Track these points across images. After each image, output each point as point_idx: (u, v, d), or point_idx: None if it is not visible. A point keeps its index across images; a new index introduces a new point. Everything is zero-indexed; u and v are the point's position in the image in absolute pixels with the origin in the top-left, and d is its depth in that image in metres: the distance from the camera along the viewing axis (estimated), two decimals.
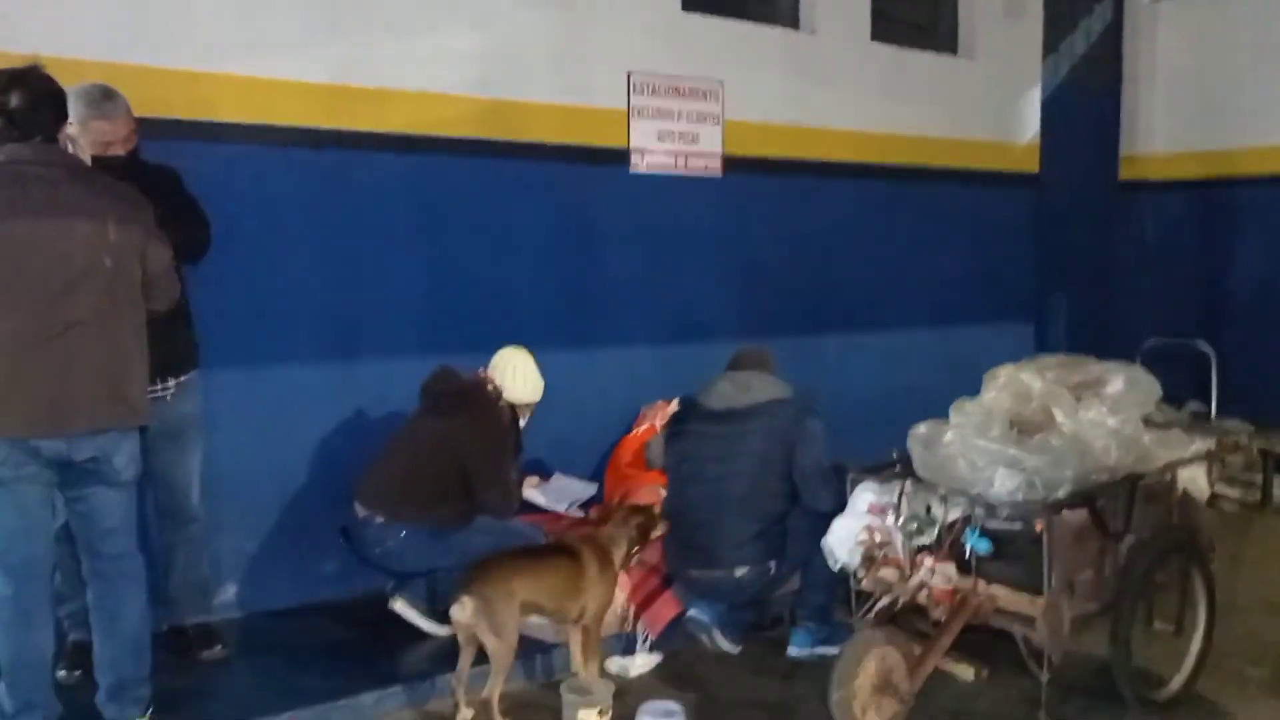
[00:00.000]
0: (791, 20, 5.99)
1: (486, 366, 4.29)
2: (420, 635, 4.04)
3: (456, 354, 4.35)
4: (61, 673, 3.29)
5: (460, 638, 3.53)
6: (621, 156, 5.29)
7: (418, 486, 4.00)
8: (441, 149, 4.71)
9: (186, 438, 3.77)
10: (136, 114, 3.59)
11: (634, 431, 5.10)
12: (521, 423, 4.37)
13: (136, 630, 3.22)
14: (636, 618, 4.12)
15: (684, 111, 5.48)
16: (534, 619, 3.71)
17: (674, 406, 5.08)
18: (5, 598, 3.02)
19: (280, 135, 4.30)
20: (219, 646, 3.88)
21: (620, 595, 4.11)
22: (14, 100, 2.97)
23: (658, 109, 5.38)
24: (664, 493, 4.66)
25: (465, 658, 3.54)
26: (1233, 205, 7.28)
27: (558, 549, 3.77)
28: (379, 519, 3.98)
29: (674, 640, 4.17)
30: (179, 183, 3.69)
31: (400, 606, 4.05)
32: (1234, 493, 5.76)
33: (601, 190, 5.25)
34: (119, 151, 3.50)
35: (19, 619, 3.04)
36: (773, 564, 4.05)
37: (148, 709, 3.25)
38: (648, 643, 4.08)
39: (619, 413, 5.24)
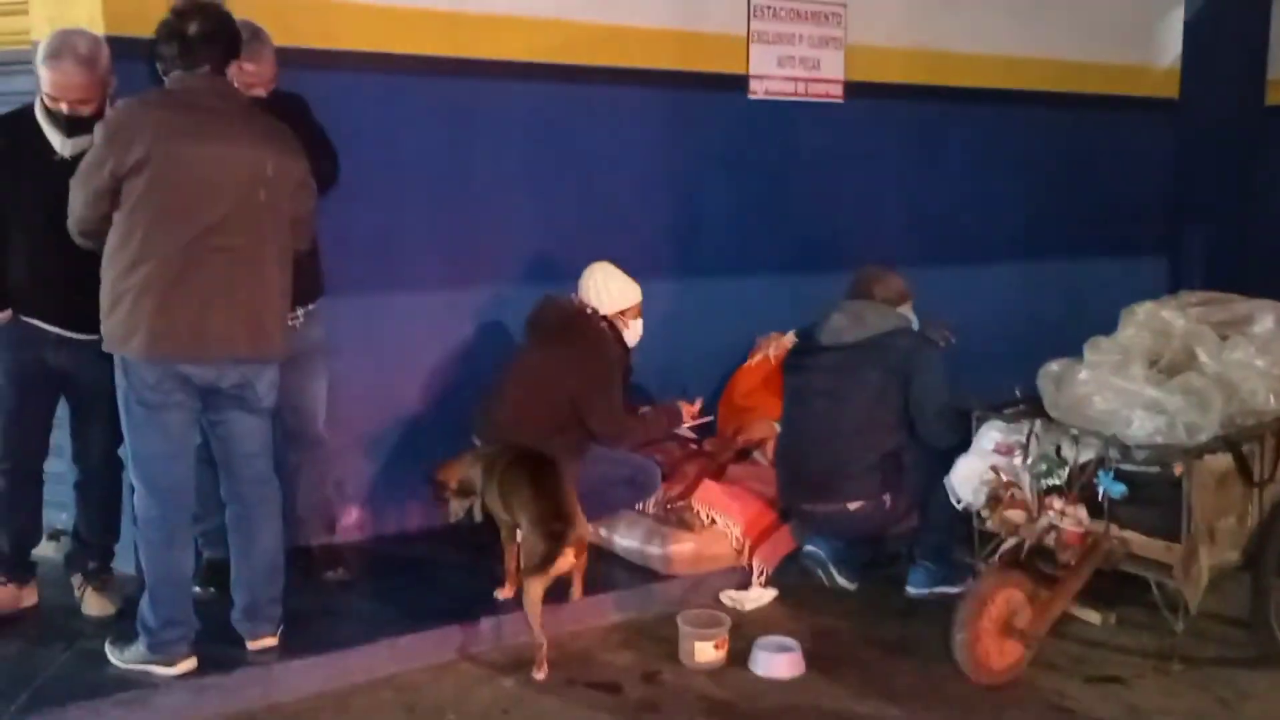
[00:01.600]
0: None
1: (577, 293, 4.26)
2: None
3: (571, 283, 4.33)
4: (196, 589, 3.42)
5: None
6: (740, 83, 5.16)
7: (530, 420, 4.01)
8: (557, 76, 4.65)
9: (313, 364, 3.83)
10: None
11: (749, 363, 5.04)
12: (629, 336, 4.28)
13: (272, 553, 3.32)
14: (752, 552, 4.10)
15: (805, 36, 5.30)
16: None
17: (790, 338, 5.01)
18: (153, 518, 3.14)
19: (399, 63, 4.29)
20: (341, 568, 3.98)
21: (736, 529, 4.09)
22: (192, 28, 3.02)
23: (778, 34, 5.22)
24: (778, 426, 4.62)
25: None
26: None
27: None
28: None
29: (789, 575, 4.14)
30: (307, 112, 3.71)
31: None
32: None
33: (719, 118, 5.14)
34: (261, 93, 3.54)
35: (164, 539, 3.15)
36: (888, 498, 3.98)
37: (279, 627, 3.37)
38: (763, 577, 4.06)
39: (734, 344, 5.17)
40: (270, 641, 3.34)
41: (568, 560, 3.47)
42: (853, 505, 3.98)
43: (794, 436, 4.17)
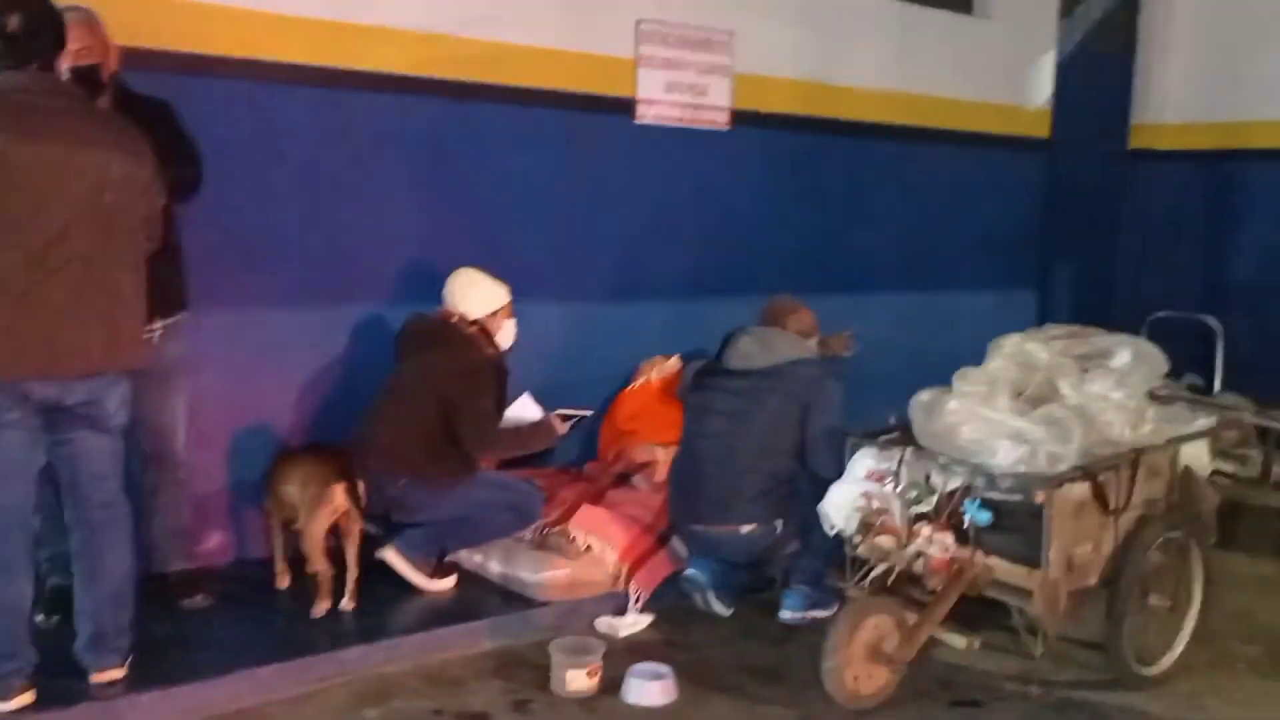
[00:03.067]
0: None
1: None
2: (411, 588, 4.00)
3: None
4: (39, 617, 3.23)
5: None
6: (627, 106, 5.17)
7: (410, 440, 3.94)
8: (442, 92, 4.59)
9: (172, 381, 3.68)
10: (126, 43, 3.46)
11: (631, 386, 5.04)
12: (502, 338, 4.20)
13: (120, 580, 3.15)
14: (629, 577, 4.07)
15: (693, 62, 5.35)
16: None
17: (673, 362, 5.04)
18: None
19: (276, 71, 4.17)
20: (201, 595, 3.82)
21: (613, 554, 4.06)
22: (13, 23, 2.84)
23: (666, 59, 5.25)
24: (659, 452, 4.62)
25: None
26: (1243, 179, 7.16)
27: None
28: (376, 469, 3.92)
29: (666, 600, 4.12)
30: (171, 116, 3.57)
31: (391, 556, 4.01)
32: (1230, 468, 5.71)
33: (605, 140, 5.14)
34: (91, 62, 3.31)
35: None
36: (779, 523, 4.01)
37: (126, 659, 3.20)
38: (640, 603, 4.04)
39: (617, 367, 5.16)
40: (117, 674, 3.16)
41: (339, 497, 3.67)
42: (745, 528, 4.00)
43: (691, 456, 4.18)
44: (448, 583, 4.06)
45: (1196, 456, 3.96)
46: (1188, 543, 3.78)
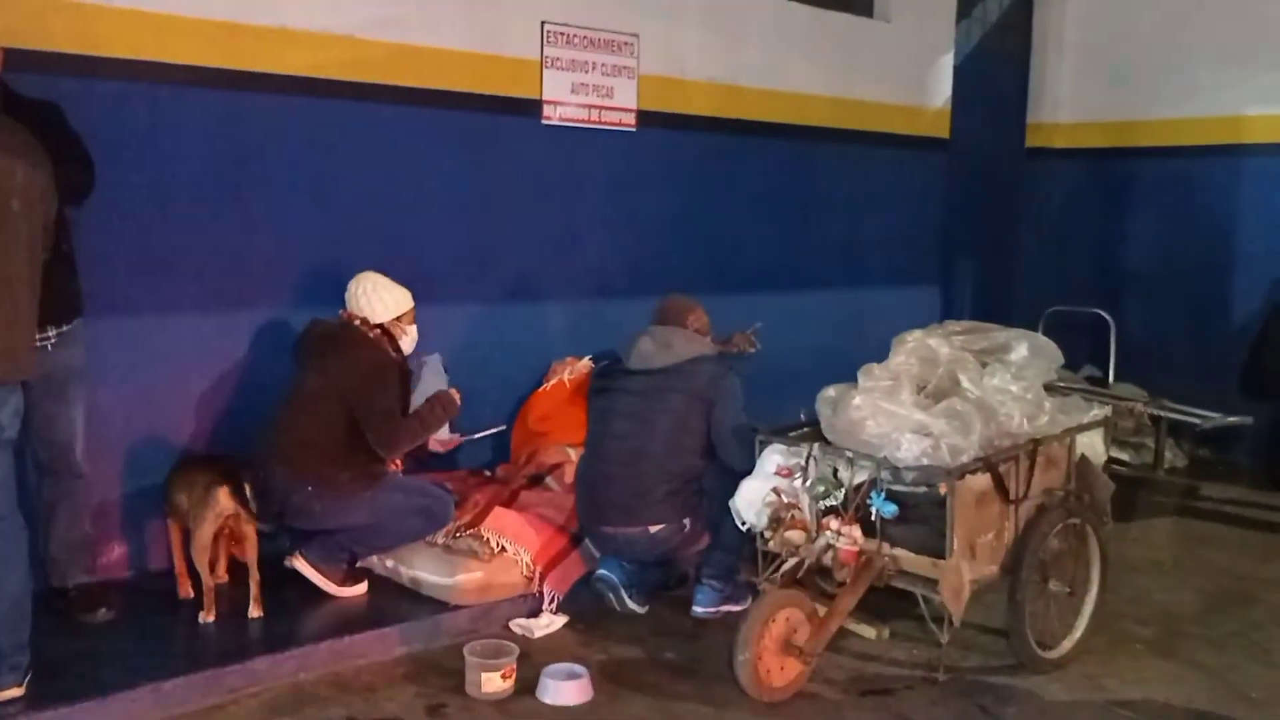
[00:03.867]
0: None
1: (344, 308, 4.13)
2: (322, 595, 3.95)
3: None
4: None
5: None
6: (533, 107, 5.16)
7: (315, 446, 3.88)
8: (345, 94, 4.53)
9: (68, 390, 3.58)
10: (10, 43, 3.35)
11: (543, 388, 5.03)
12: (405, 343, 4.14)
13: (16, 597, 3.05)
14: (543, 579, 4.07)
15: (598, 64, 5.36)
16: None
17: (585, 363, 5.05)
18: None
19: (171, 73, 4.07)
20: (103, 609, 3.72)
21: (526, 556, 4.06)
22: None
23: (571, 60, 5.26)
24: (571, 453, 4.63)
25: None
26: (1132, 176, 7.44)
27: None
28: (281, 476, 3.85)
29: (580, 601, 4.13)
30: (61, 120, 3.47)
31: (300, 565, 3.95)
32: (1126, 456, 5.93)
33: (512, 141, 5.12)
34: None
35: None
36: (688, 521, 4.04)
37: (25, 676, 3.10)
38: (554, 604, 4.04)
39: (528, 369, 5.16)
40: (15, 692, 3.06)
41: (223, 500, 3.65)
42: (654, 528, 4.02)
43: (597, 458, 4.18)
44: (359, 589, 4.02)
45: (1092, 446, 4.09)
46: (1085, 529, 3.91)
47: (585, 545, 4.21)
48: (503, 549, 4.05)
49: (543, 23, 5.12)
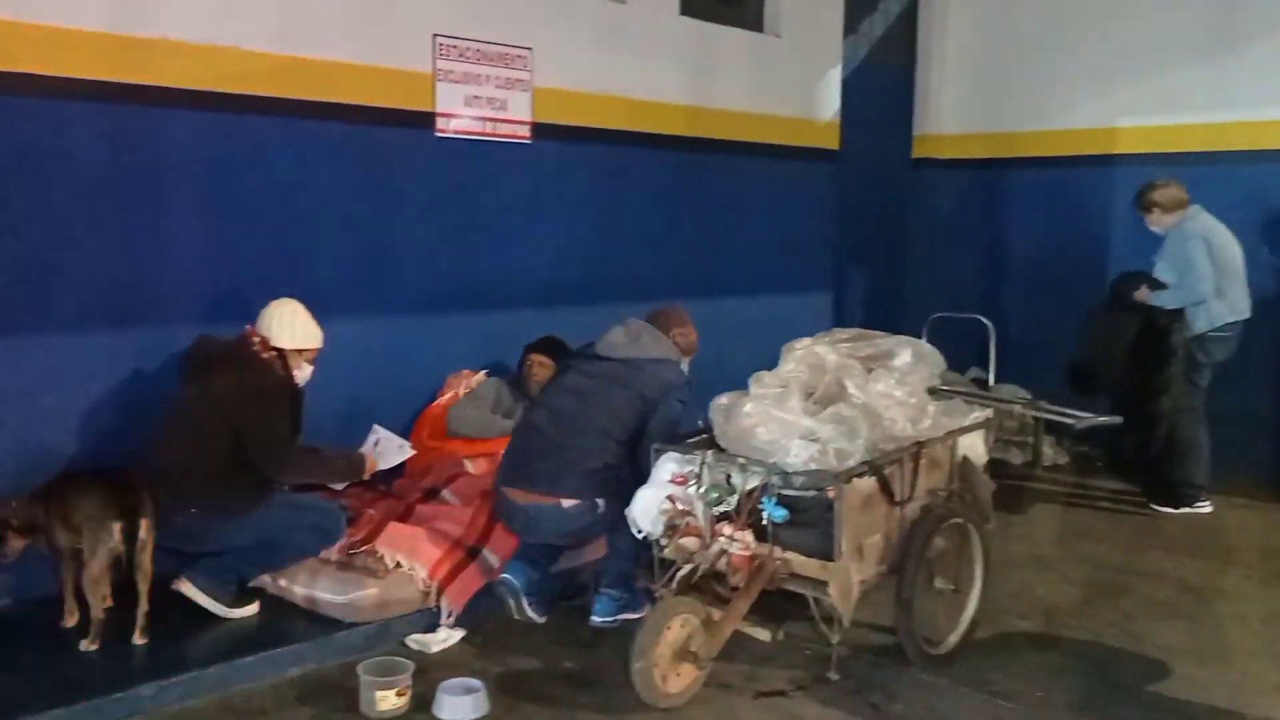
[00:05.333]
0: None
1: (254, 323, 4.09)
2: (211, 618, 3.87)
3: (247, 322, 4.13)
4: None
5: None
6: (427, 120, 5.15)
7: (199, 465, 3.81)
8: (231, 106, 4.46)
9: None
10: None
11: (438, 401, 5.02)
12: (300, 375, 4.11)
13: None
14: (439, 593, 4.05)
15: (492, 77, 5.38)
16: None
17: (480, 376, 5.04)
18: None
19: (52, 85, 3.97)
20: None
21: (422, 570, 4.04)
22: None
23: (465, 73, 5.26)
24: (468, 464, 4.62)
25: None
26: (1013, 185, 7.72)
27: None
28: (164, 497, 3.76)
29: (478, 614, 4.12)
30: None
31: (187, 588, 3.87)
32: (1009, 455, 6.14)
33: (406, 154, 5.10)
34: None
35: None
36: (600, 503, 4.06)
37: None
38: (451, 618, 4.02)
39: (423, 382, 5.14)
40: None
41: (117, 534, 3.54)
42: (568, 502, 4.04)
43: (531, 427, 4.22)
44: (249, 610, 3.95)
45: (973, 447, 4.24)
46: (968, 528, 4.05)
47: (483, 557, 4.20)
48: (398, 564, 4.02)
49: (434, 35, 5.11)
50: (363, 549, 4.06)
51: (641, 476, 3.96)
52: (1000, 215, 7.83)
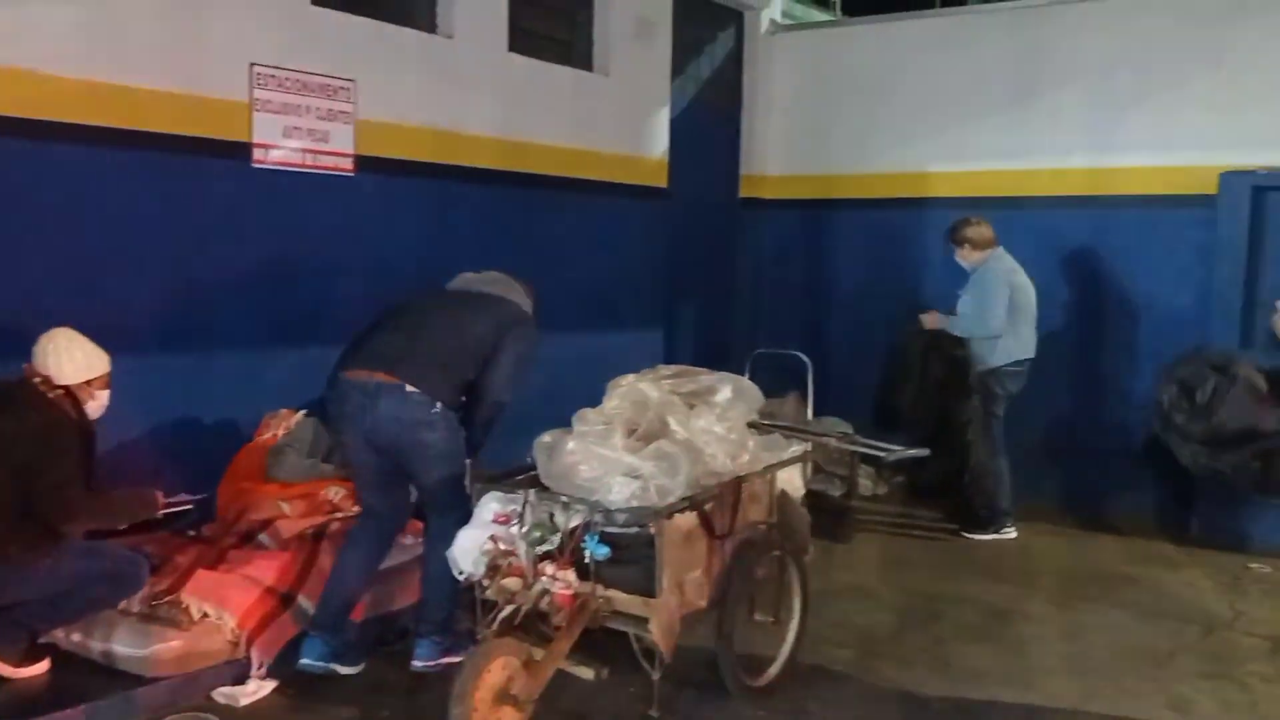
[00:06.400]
0: (429, 24, 5.91)
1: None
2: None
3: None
4: None
5: None
6: (243, 150, 4.98)
7: None
8: (25, 132, 4.21)
9: None
10: None
11: (255, 441, 4.82)
12: (92, 408, 3.84)
13: None
14: (249, 643, 3.87)
15: (313, 108, 5.25)
16: None
17: (300, 416, 4.89)
18: None
19: None
20: None
21: (231, 620, 3.86)
22: None
23: (284, 104, 5.12)
24: (285, 506, 4.46)
25: None
26: (833, 225, 8.03)
27: None
28: None
29: (291, 664, 3.96)
30: None
31: None
32: (831, 487, 6.33)
33: (220, 185, 4.91)
34: None
35: None
36: (439, 407, 3.97)
37: None
38: (262, 669, 3.86)
39: (239, 421, 4.93)
40: None
41: None
42: (411, 388, 3.93)
43: (379, 325, 4.17)
44: (39, 668, 3.69)
45: (791, 480, 4.35)
46: (786, 560, 4.15)
47: (298, 605, 4.05)
48: (205, 615, 3.83)
49: (251, 64, 4.97)
50: (167, 599, 3.85)
51: (436, 526, 3.97)
52: (822, 254, 8.12)
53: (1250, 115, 6.42)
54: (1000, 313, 6.01)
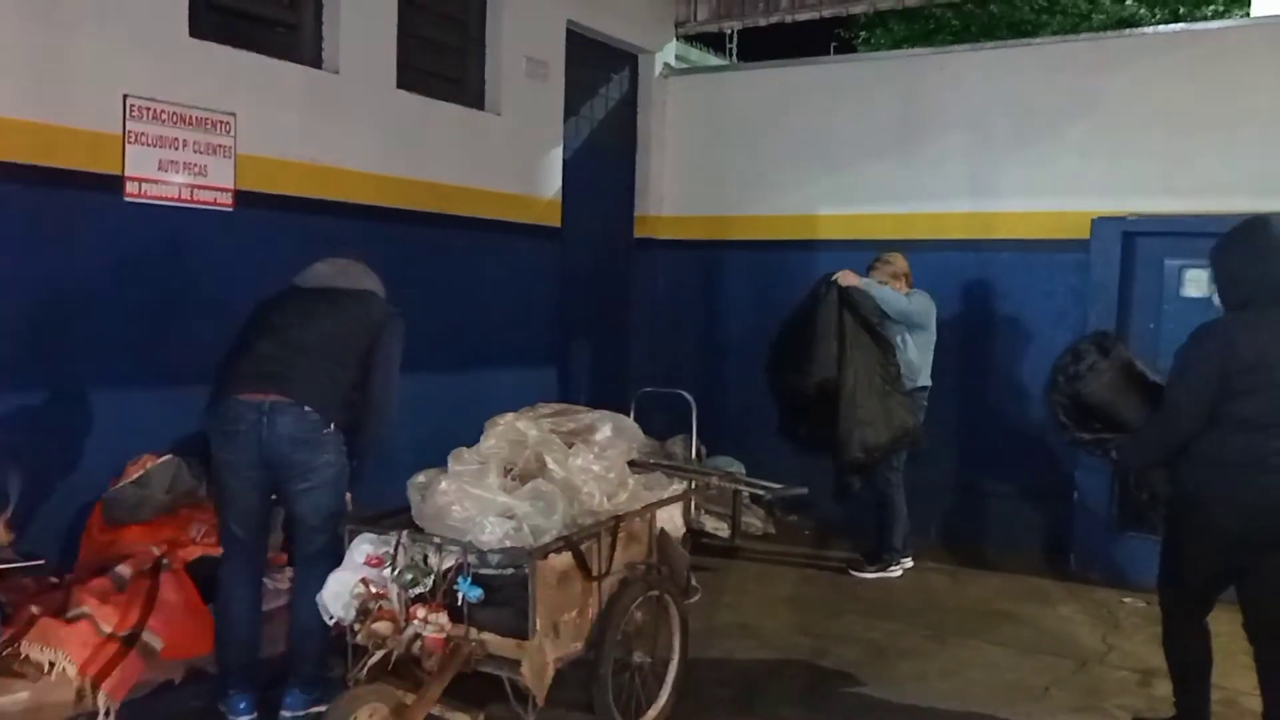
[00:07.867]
0: (314, 59, 5.85)
1: None
2: None
3: None
4: None
5: None
6: (115, 184, 4.84)
7: None
8: None
9: None
10: None
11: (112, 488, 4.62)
12: None
13: None
14: (95, 688, 3.68)
15: (191, 141, 5.13)
16: None
17: (167, 459, 4.71)
18: None
19: None
20: None
21: (72, 670, 3.66)
22: None
23: (159, 136, 4.99)
24: (156, 550, 4.30)
25: None
26: (727, 265, 8.11)
27: None
28: None
29: (148, 708, 3.79)
30: None
31: None
32: (720, 527, 6.35)
33: (89, 219, 4.76)
34: None
35: None
36: (331, 428, 3.90)
37: None
38: (111, 716, 3.67)
39: (102, 466, 4.72)
40: None
41: None
42: (308, 408, 3.85)
43: (247, 343, 4.02)
44: None
45: (671, 519, 4.33)
46: (665, 600, 4.12)
47: (143, 641, 3.85)
48: (50, 664, 3.64)
49: (125, 95, 4.84)
50: (9, 650, 3.65)
51: (306, 569, 3.86)
52: (715, 294, 8.19)
53: (1122, 163, 6.67)
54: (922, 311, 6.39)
